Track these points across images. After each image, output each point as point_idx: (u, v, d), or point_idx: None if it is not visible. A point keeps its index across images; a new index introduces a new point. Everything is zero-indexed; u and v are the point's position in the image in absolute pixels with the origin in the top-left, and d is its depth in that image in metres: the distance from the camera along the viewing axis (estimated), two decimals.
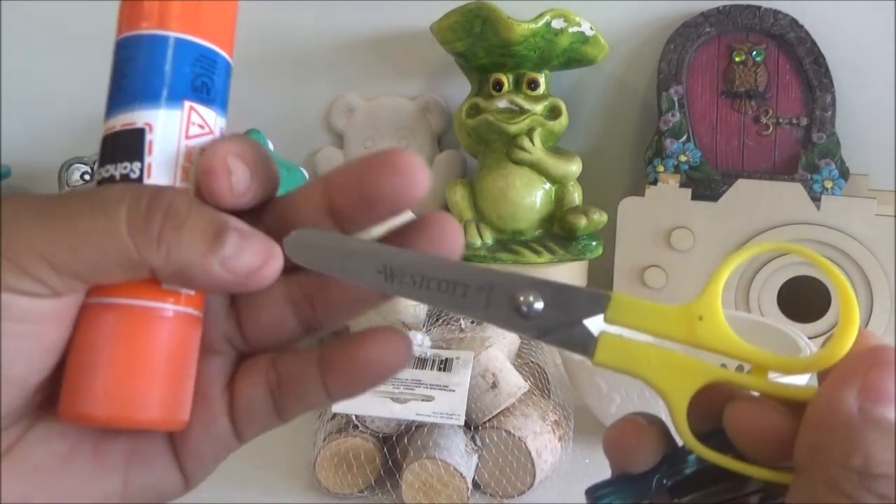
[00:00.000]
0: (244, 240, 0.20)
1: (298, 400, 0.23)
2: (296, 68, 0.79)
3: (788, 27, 0.68)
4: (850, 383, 0.16)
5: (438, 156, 0.80)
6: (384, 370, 0.22)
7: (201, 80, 0.21)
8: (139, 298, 0.20)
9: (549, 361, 0.52)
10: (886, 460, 0.15)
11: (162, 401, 0.21)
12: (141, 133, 0.20)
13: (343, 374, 0.22)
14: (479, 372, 0.46)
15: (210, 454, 0.23)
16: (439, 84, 0.79)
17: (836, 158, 0.67)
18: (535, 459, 0.44)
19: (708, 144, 0.71)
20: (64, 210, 0.19)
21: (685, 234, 0.64)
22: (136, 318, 0.20)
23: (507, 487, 0.45)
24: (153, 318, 0.20)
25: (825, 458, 0.16)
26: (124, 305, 0.20)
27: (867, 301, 0.60)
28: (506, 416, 0.45)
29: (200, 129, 0.21)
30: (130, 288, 0.20)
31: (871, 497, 0.15)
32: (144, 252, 0.19)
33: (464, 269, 0.21)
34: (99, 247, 0.19)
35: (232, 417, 0.23)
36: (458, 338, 0.49)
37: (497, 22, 0.62)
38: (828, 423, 0.16)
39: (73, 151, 0.71)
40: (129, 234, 0.19)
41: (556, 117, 0.68)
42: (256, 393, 0.23)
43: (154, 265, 0.20)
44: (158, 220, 0.19)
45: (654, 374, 0.20)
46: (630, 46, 0.75)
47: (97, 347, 0.20)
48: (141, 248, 0.19)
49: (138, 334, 0.20)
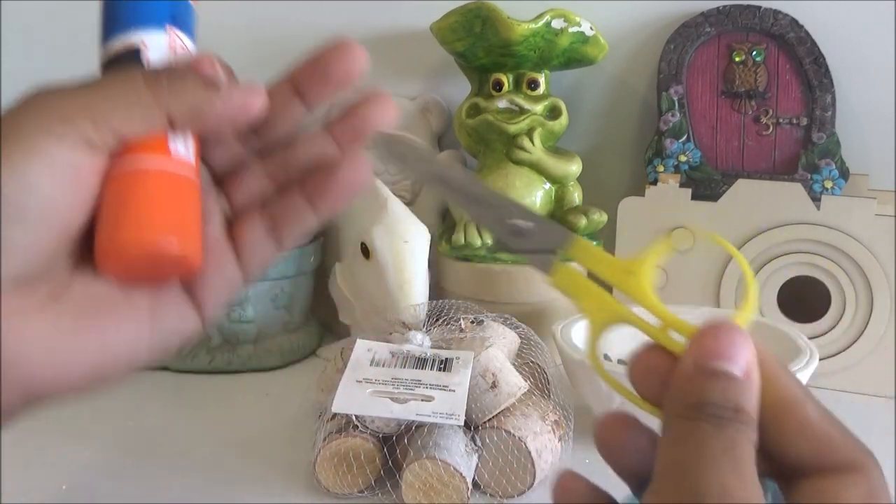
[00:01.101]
0: (233, 83, 0.27)
1: (294, 228, 0.29)
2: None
3: (788, 27, 0.68)
4: (693, 345, 0.22)
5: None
6: (357, 185, 0.29)
7: (178, 13, 0.27)
8: (154, 162, 0.26)
9: (549, 361, 0.52)
10: (712, 397, 0.21)
11: (181, 242, 0.26)
12: (137, 52, 0.26)
13: (327, 195, 0.29)
14: (479, 372, 0.46)
15: (222, 294, 0.29)
16: (439, 84, 0.79)
17: (836, 158, 0.67)
18: (535, 459, 0.44)
19: (708, 144, 0.71)
20: (94, 82, 0.25)
21: (685, 234, 0.64)
22: (153, 177, 0.25)
23: (507, 487, 0.44)
24: (166, 176, 0.26)
25: (673, 398, 0.22)
26: (143, 169, 0.25)
27: (867, 301, 0.60)
28: (506, 416, 0.45)
29: (183, 50, 0.27)
30: (146, 151, 0.25)
31: (707, 420, 0.20)
32: (159, 98, 0.25)
33: (483, 189, 0.28)
34: (124, 99, 0.25)
35: (238, 257, 0.29)
36: (458, 338, 0.49)
37: (497, 22, 0.62)
38: (677, 374, 0.22)
39: None
40: (146, 87, 0.25)
41: (556, 117, 0.68)
42: (256, 232, 0.29)
43: (169, 110, 0.25)
44: (166, 76, 0.26)
45: (585, 304, 0.26)
46: (630, 46, 0.75)
47: (125, 202, 0.25)
48: (156, 96, 0.25)
49: (156, 190, 0.25)
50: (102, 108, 0.25)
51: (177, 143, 0.26)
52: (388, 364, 0.47)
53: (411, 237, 0.57)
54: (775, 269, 0.62)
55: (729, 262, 0.63)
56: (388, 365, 0.46)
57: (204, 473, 0.48)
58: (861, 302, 0.60)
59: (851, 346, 0.61)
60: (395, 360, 0.47)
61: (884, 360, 0.60)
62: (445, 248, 0.68)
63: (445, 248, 0.68)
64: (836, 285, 0.61)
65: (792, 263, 0.62)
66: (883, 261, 0.59)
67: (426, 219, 0.65)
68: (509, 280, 0.65)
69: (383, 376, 0.45)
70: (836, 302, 0.61)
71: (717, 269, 0.64)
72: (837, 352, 0.61)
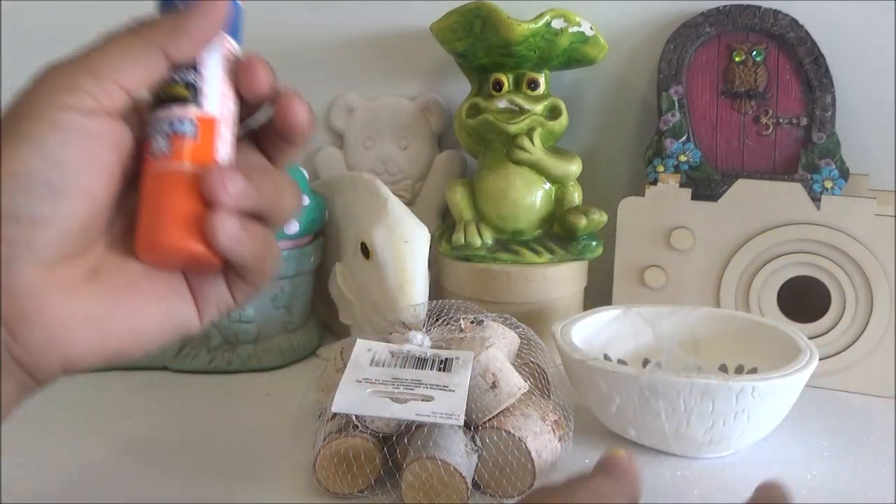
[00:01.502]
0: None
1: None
2: (296, 68, 0.79)
3: (788, 27, 0.68)
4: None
5: (438, 156, 0.80)
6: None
7: (230, 16, 0.30)
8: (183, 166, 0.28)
9: (549, 361, 0.52)
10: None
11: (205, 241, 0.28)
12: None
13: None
14: (479, 372, 0.46)
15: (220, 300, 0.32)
16: (439, 84, 0.79)
17: (836, 158, 0.67)
18: (535, 459, 0.44)
19: (708, 144, 0.71)
20: (93, 45, 0.27)
21: (685, 234, 0.64)
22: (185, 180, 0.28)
23: (507, 487, 0.44)
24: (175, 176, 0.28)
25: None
26: (177, 171, 0.28)
27: (867, 301, 0.60)
28: (506, 416, 0.45)
29: (231, 52, 0.31)
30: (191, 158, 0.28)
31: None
32: (150, 42, 0.27)
33: None
34: (119, 52, 0.27)
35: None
36: (458, 338, 0.49)
37: (497, 22, 0.62)
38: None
39: None
40: (136, 35, 0.27)
41: (556, 117, 0.68)
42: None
43: (164, 48, 0.27)
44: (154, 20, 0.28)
45: None
46: (630, 46, 0.75)
47: (168, 202, 0.28)
48: (147, 40, 0.27)
49: (192, 192, 0.28)
50: (102, 66, 0.26)
51: (220, 147, 0.29)
52: (388, 364, 0.46)
53: (411, 237, 0.57)
54: (775, 269, 0.62)
55: (729, 261, 0.63)
56: (388, 365, 0.46)
57: (204, 473, 0.48)
58: (861, 302, 0.60)
59: (851, 346, 0.61)
60: (395, 360, 0.47)
61: (884, 360, 0.60)
62: (445, 248, 0.68)
63: (445, 248, 0.68)
64: (836, 285, 0.61)
65: (792, 263, 0.62)
66: (883, 261, 0.59)
67: (426, 219, 0.65)
68: (509, 280, 0.65)
69: (383, 376, 0.45)
70: (836, 302, 0.61)
71: (717, 269, 0.64)
72: (837, 352, 0.61)
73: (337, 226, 0.69)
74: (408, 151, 0.80)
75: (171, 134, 0.28)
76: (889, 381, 0.60)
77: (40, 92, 0.26)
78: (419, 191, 0.80)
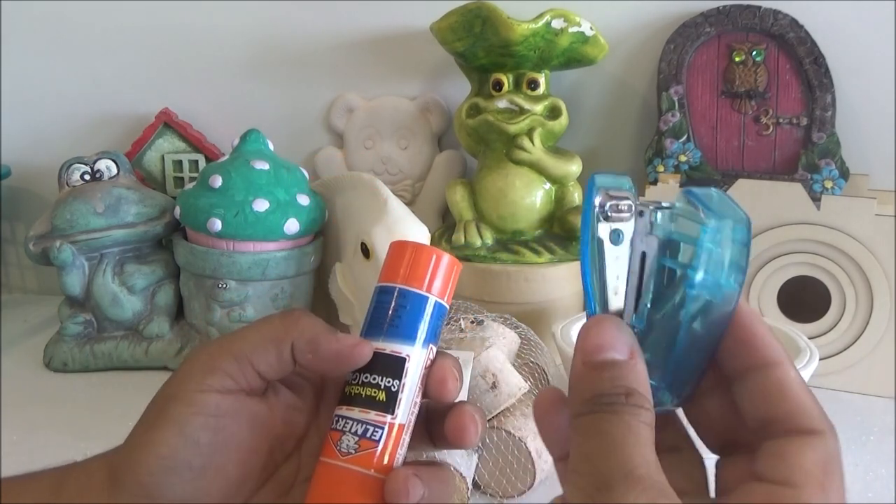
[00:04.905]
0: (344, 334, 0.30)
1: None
2: (296, 68, 0.79)
3: (788, 27, 0.68)
4: (577, 346, 0.24)
5: (438, 156, 0.80)
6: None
7: (439, 328, 0.30)
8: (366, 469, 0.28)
9: (549, 361, 0.52)
10: (604, 388, 0.22)
11: None
12: (404, 361, 0.29)
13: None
14: (479, 372, 0.46)
15: None
16: (439, 84, 0.79)
17: (836, 158, 0.67)
18: (535, 459, 0.44)
19: (708, 144, 0.71)
20: (241, 329, 0.29)
21: None
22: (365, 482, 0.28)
23: (507, 487, 0.44)
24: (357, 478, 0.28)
25: (572, 399, 0.23)
26: (359, 473, 0.28)
27: (867, 301, 0.60)
28: (506, 416, 0.45)
29: (430, 361, 0.30)
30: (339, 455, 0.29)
31: (603, 409, 0.22)
32: (288, 332, 0.29)
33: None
34: (261, 338, 0.28)
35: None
36: (458, 338, 0.49)
37: (497, 22, 0.62)
38: (571, 376, 0.24)
39: (72, 151, 0.71)
40: (280, 324, 0.29)
41: (556, 117, 0.68)
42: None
43: (294, 341, 0.29)
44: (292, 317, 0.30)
45: None
46: (630, 46, 0.75)
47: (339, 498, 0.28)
48: (287, 329, 0.29)
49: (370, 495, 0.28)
50: (242, 349, 0.28)
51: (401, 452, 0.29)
52: None
53: (411, 237, 0.57)
54: (775, 269, 0.62)
55: None
56: None
57: None
58: (861, 302, 0.60)
59: (851, 346, 0.61)
60: None
61: (884, 360, 0.60)
62: (445, 248, 0.68)
63: (445, 248, 0.68)
64: (836, 285, 0.61)
65: (792, 263, 0.62)
66: (883, 261, 0.59)
67: (426, 219, 0.65)
68: (509, 280, 0.65)
69: None
70: (836, 302, 0.61)
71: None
72: (837, 352, 0.61)
73: (337, 226, 0.69)
74: (408, 151, 0.80)
75: (363, 439, 0.29)
76: (889, 381, 0.60)
77: (186, 372, 0.28)
78: (419, 191, 0.80)
